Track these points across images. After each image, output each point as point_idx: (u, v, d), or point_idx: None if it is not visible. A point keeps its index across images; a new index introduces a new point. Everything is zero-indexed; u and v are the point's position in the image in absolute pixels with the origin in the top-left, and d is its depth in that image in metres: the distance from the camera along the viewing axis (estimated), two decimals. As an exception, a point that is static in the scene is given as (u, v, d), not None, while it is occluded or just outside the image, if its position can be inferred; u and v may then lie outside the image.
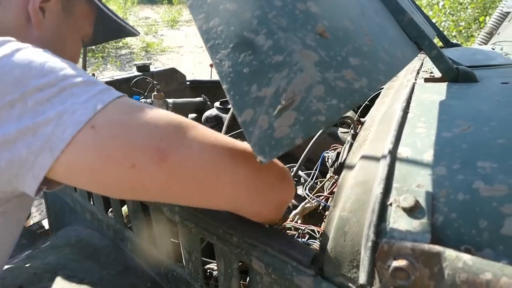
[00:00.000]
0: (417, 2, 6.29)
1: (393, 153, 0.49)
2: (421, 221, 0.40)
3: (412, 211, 0.41)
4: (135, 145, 0.46)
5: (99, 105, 0.46)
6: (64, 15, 0.74)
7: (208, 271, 0.82)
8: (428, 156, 0.48)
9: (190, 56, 9.36)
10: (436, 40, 1.47)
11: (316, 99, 0.45)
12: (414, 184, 0.44)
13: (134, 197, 0.52)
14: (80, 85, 0.48)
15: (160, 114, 0.49)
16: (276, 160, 0.56)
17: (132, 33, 0.99)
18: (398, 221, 0.41)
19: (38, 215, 3.20)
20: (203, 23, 0.50)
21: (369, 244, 0.41)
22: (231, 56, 0.48)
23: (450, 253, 0.36)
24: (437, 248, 0.37)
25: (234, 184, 0.52)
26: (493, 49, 1.20)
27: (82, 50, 1.73)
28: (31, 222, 2.10)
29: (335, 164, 0.79)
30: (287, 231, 0.88)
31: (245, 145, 0.54)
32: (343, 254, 0.47)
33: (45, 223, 1.94)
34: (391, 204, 0.43)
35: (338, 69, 0.47)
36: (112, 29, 0.93)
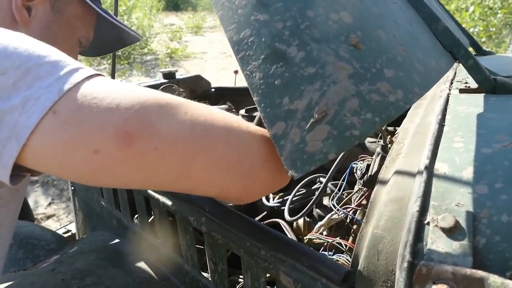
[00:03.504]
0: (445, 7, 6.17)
1: (429, 169, 0.47)
2: (461, 243, 0.38)
3: (452, 232, 0.39)
4: (96, 128, 0.43)
5: (64, 88, 0.44)
6: (53, 14, 0.74)
7: (232, 281, 0.82)
8: (467, 173, 0.45)
9: (214, 62, 9.44)
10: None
11: (350, 113, 0.44)
12: (453, 203, 0.42)
13: (104, 184, 0.48)
14: (45, 66, 0.45)
15: (130, 92, 0.45)
16: (263, 137, 0.50)
17: (135, 38, 0.99)
18: (437, 242, 0.39)
19: (65, 217, 3.28)
20: (234, 34, 0.50)
21: (405, 265, 0.40)
22: (262, 68, 0.47)
23: (494, 280, 0.34)
24: (480, 273, 0.35)
25: (211, 168, 0.47)
26: (529, 57, 1.16)
27: (111, 56, 1.76)
28: (59, 225, 2.15)
29: (365, 176, 0.77)
30: (313, 241, 0.87)
31: (226, 121, 0.49)
32: (376, 273, 0.46)
33: (72, 227, 1.97)
34: (428, 223, 0.41)
35: (372, 82, 0.46)
36: (115, 35, 0.93)
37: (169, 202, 0.83)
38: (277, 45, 0.47)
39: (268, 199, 1.10)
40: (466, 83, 0.81)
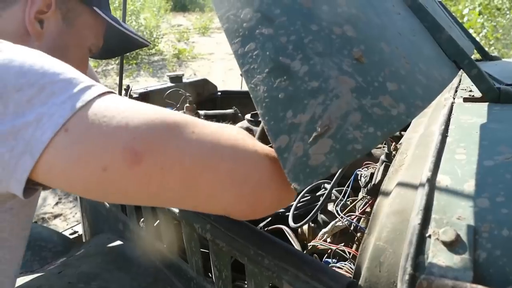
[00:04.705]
0: (452, 8, 6.11)
1: (431, 181, 0.48)
2: (462, 256, 0.39)
3: (453, 245, 0.40)
4: (105, 146, 0.44)
5: (77, 105, 0.45)
6: (65, 25, 0.75)
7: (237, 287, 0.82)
8: (469, 186, 0.46)
9: (221, 63, 9.46)
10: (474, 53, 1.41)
11: (353, 127, 0.44)
12: (455, 216, 0.43)
13: (112, 200, 0.49)
14: (59, 83, 0.47)
15: (139, 112, 0.46)
16: (269, 155, 0.51)
17: (144, 44, 1.00)
18: (438, 255, 0.40)
19: (72, 217, 3.31)
20: (239, 47, 0.51)
21: (406, 277, 0.40)
22: (267, 81, 0.48)
23: (494, 295, 0.34)
24: (480, 287, 0.35)
25: (217, 186, 0.48)
26: (536, 63, 1.15)
27: (119, 59, 1.78)
28: (65, 225, 2.17)
29: (369, 185, 0.78)
30: (317, 248, 0.87)
31: (232, 140, 0.50)
32: (378, 285, 0.46)
33: (79, 228, 1.99)
34: (430, 236, 0.42)
35: (375, 95, 0.47)
36: (124, 40, 0.94)
37: (174, 209, 0.84)
38: (281, 59, 0.48)
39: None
40: (470, 91, 0.81)
